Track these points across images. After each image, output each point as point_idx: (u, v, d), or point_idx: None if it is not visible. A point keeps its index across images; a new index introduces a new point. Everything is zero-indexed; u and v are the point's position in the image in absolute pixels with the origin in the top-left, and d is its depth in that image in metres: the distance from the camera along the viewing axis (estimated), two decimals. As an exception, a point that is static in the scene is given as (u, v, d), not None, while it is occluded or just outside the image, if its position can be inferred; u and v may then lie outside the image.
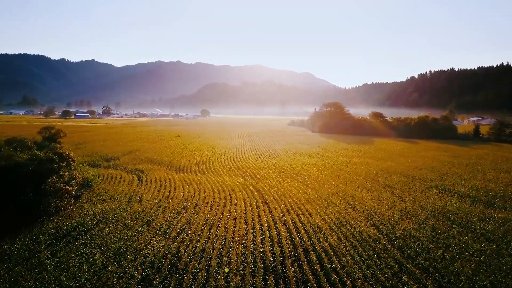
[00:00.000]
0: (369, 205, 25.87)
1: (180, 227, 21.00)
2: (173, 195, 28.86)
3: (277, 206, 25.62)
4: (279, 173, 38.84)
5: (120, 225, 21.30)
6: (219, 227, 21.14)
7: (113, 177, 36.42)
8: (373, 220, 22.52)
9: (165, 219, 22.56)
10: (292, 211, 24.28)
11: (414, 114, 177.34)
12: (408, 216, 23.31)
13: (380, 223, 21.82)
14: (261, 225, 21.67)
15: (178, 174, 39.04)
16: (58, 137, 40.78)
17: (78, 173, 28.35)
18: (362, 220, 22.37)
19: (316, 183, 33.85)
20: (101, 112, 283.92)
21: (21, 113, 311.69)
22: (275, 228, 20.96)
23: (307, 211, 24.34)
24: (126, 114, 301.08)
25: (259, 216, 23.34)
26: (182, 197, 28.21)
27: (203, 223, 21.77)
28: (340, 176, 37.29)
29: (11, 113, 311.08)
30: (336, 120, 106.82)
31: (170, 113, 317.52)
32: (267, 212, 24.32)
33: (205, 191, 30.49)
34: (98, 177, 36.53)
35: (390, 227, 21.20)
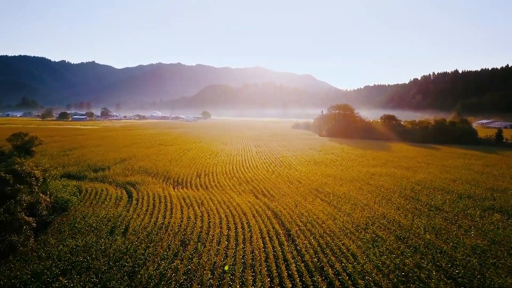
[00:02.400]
0: (427, 240, 19.58)
1: (176, 284, 14.68)
2: (169, 223, 22.56)
3: (306, 241, 19.31)
4: (296, 189, 32.54)
5: (91, 277, 15.01)
6: (232, 283, 14.82)
7: (98, 194, 30.18)
8: (444, 266, 16.21)
9: (156, 265, 16.25)
10: (328, 251, 17.96)
11: (418, 116, 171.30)
12: (490, 260, 16.99)
13: (459, 274, 15.49)
14: (290, 277, 15.34)
15: (176, 190, 32.78)
16: (32, 145, 34.49)
17: (45, 197, 22.03)
18: (430, 268, 16.04)
19: (345, 203, 27.54)
20: (99, 114, 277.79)
21: (18, 115, 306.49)
22: (313, 286, 14.64)
23: (348, 250, 18.03)
24: (125, 116, 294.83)
25: (285, 261, 17.01)
26: (180, 226, 21.92)
27: (209, 274, 15.43)
28: (370, 193, 31.00)
29: (8, 115, 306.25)
30: (345, 123, 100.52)
31: (170, 115, 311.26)
32: (295, 252, 17.98)
33: (209, 215, 24.18)
34: (80, 193, 30.31)
35: (475, 281, 14.89)
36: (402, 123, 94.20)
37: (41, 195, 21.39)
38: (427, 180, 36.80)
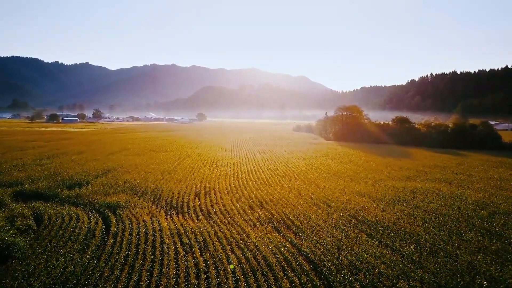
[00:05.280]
0: None
1: None
2: (158, 287, 14.66)
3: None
4: (328, 216, 24.75)
5: None
6: None
7: (64, 227, 22.14)
8: None
9: None
10: None
11: (418, 118, 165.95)
12: None
13: None
14: None
15: (169, 218, 24.83)
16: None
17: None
18: None
19: (402, 241, 19.80)
20: (91, 116, 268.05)
21: (7, 117, 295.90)
22: None
23: None
24: (117, 118, 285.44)
25: None
26: (174, 296, 14.03)
27: None
28: (427, 222, 23.28)
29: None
30: (353, 126, 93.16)
31: (164, 117, 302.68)
32: None
33: (217, 270, 16.28)
34: (38, 226, 22.33)
35: None
36: (416, 126, 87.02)
37: None
38: (486, 200, 29.28)
